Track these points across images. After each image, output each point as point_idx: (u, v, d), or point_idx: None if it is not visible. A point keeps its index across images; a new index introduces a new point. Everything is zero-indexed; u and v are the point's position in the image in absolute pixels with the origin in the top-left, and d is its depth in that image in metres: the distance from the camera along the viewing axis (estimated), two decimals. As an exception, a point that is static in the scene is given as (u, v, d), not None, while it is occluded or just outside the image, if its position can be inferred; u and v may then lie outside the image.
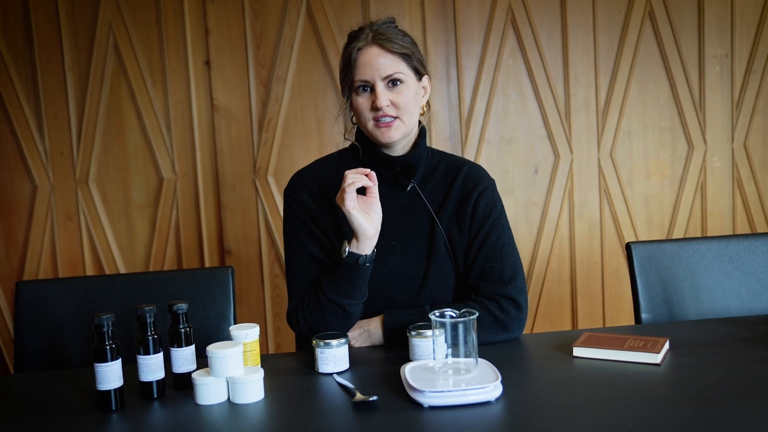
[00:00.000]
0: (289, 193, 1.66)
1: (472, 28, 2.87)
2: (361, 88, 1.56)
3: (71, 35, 2.78)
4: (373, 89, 1.55)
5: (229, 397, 1.30)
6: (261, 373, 1.30)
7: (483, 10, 2.86)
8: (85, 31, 2.78)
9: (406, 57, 1.56)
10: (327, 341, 1.41)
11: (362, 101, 1.57)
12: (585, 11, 2.89)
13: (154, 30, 2.79)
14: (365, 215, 1.49)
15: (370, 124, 1.57)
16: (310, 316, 1.56)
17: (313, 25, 2.81)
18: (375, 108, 1.54)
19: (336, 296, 1.52)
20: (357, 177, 1.48)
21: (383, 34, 1.55)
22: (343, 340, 1.42)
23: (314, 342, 1.42)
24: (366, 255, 1.50)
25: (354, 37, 1.58)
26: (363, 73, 1.54)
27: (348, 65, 1.56)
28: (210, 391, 1.28)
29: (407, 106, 1.56)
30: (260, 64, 2.82)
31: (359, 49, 1.55)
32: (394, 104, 1.55)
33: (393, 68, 1.54)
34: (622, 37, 2.91)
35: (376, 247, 1.56)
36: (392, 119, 1.55)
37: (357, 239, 1.50)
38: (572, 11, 2.88)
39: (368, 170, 1.50)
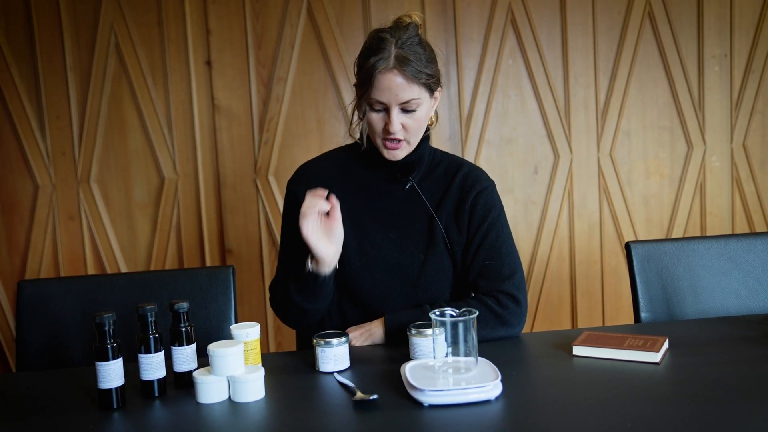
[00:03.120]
0: (290, 186, 1.72)
1: (472, 28, 2.87)
2: (376, 106, 1.56)
3: (73, 35, 2.79)
4: (387, 110, 1.55)
5: (229, 396, 1.30)
6: (262, 371, 1.31)
7: (483, 11, 2.87)
8: (87, 31, 2.79)
9: (425, 84, 1.55)
10: (327, 340, 1.41)
11: (376, 119, 1.57)
12: (584, 12, 2.90)
13: (155, 30, 2.80)
14: (323, 240, 1.50)
15: (379, 141, 1.60)
16: (276, 305, 1.66)
17: (313, 26, 2.82)
18: (387, 130, 1.56)
19: (300, 300, 1.58)
20: (315, 201, 1.47)
21: (406, 57, 1.51)
22: (343, 339, 1.42)
23: (315, 341, 1.43)
24: (325, 275, 1.55)
25: (376, 48, 1.53)
26: (380, 95, 1.53)
27: (367, 80, 1.53)
28: (211, 390, 1.29)
29: (417, 129, 1.59)
30: (261, 64, 2.82)
31: (380, 70, 1.51)
32: (405, 127, 1.57)
33: (410, 95, 1.53)
34: (621, 38, 2.91)
35: (372, 239, 1.62)
36: (401, 141, 1.58)
37: (317, 262, 1.53)
38: (572, 12, 2.89)
39: (325, 191, 1.50)
